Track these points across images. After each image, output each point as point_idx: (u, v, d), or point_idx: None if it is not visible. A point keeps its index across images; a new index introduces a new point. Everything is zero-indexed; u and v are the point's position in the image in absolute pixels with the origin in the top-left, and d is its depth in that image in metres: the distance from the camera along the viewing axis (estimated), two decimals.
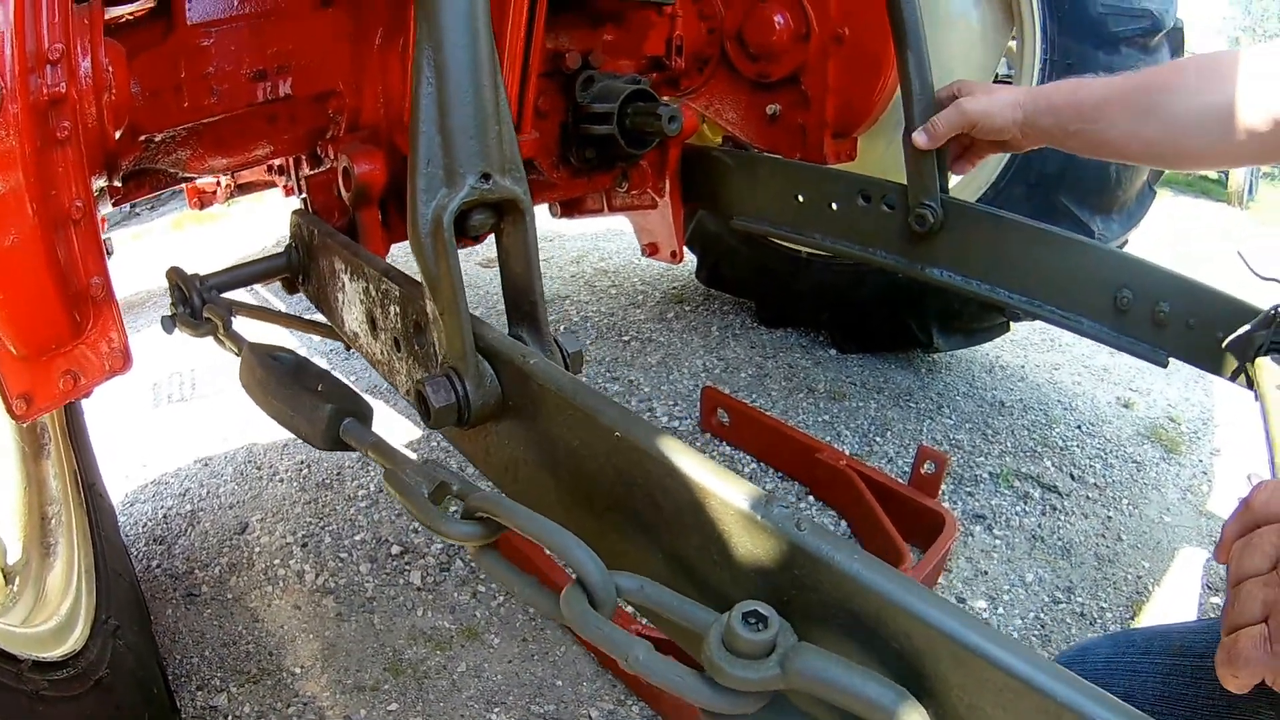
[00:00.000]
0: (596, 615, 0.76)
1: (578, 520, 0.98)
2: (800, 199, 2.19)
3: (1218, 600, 2.32)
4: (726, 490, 0.76)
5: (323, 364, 3.59)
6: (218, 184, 3.44)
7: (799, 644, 0.69)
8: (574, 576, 0.77)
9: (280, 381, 1.23)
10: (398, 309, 1.27)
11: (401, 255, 2.26)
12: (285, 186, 2.66)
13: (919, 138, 1.89)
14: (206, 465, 3.01)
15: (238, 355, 1.42)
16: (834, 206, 2.11)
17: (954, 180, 2.38)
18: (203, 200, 3.58)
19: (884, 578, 0.67)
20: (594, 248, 5.19)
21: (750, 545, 0.75)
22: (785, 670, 0.67)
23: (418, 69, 1.01)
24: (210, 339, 1.60)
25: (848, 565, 0.68)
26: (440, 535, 0.91)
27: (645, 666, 0.71)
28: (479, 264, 4.87)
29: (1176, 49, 2.81)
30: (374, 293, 1.35)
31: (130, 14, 1.78)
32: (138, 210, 6.68)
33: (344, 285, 1.50)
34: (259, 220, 6.21)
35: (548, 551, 0.80)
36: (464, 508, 0.90)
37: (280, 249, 1.80)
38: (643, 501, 0.86)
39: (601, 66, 2.06)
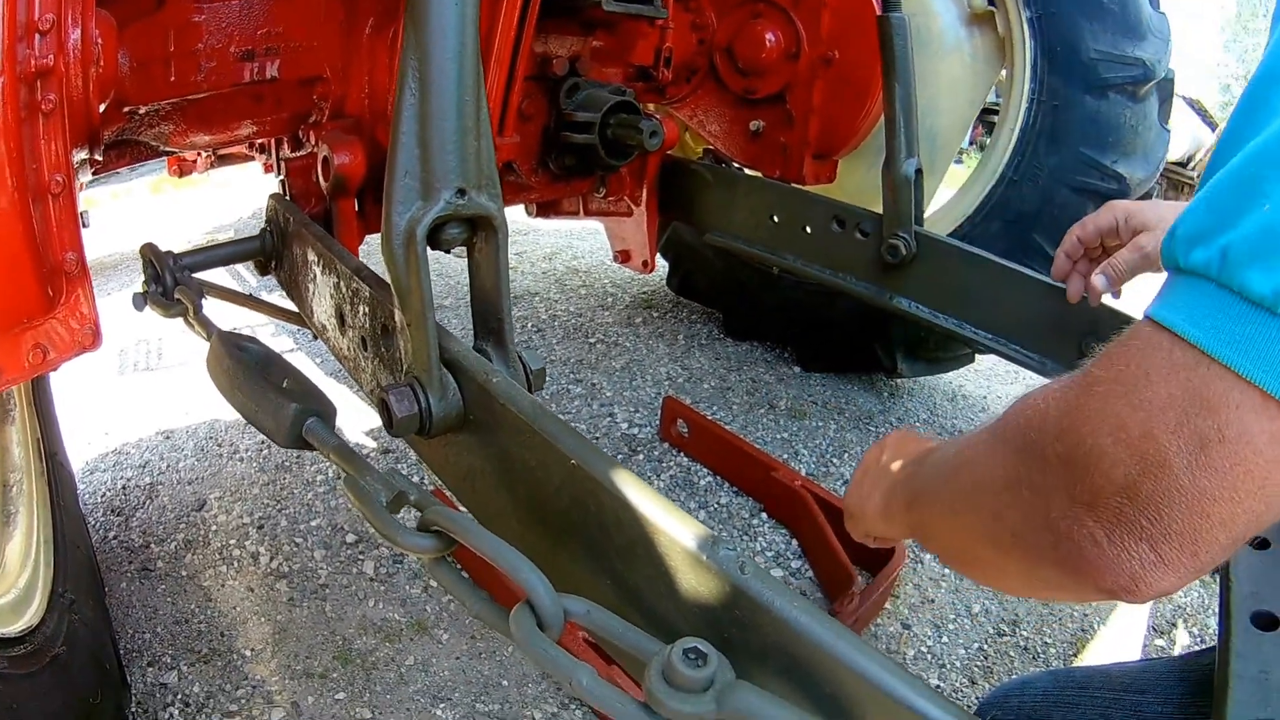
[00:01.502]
0: (542, 637, 0.77)
1: (532, 538, 0.99)
2: (775, 219, 2.21)
3: (1162, 642, 2.34)
4: (676, 529, 0.77)
5: (290, 342, 3.61)
6: (198, 154, 3.42)
7: (736, 681, 0.70)
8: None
9: (247, 375, 1.23)
10: (367, 309, 1.28)
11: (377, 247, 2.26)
12: (265, 164, 2.65)
13: (1098, 281, 1.68)
14: (168, 438, 3.00)
15: (206, 340, 1.42)
16: (808, 230, 2.13)
17: (929, 211, 2.40)
18: (182, 168, 3.55)
19: (820, 625, 0.69)
20: (567, 245, 5.20)
21: (696, 583, 0.77)
22: (721, 706, 0.69)
23: (402, 79, 1.02)
24: (180, 320, 1.60)
25: (786, 611, 0.70)
26: (395, 545, 0.92)
27: (588, 692, 0.73)
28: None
29: (1165, 99, 2.85)
30: (344, 289, 1.36)
31: None
32: (117, 169, 6.60)
33: (315, 277, 1.50)
34: (238, 187, 6.16)
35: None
36: (420, 520, 0.91)
37: (256, 218, 1.80)
38: (596, 529, 0.87)
39: (589, 74, 2.06)
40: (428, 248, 1.07)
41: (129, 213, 5.81)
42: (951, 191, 3.16)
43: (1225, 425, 0.64)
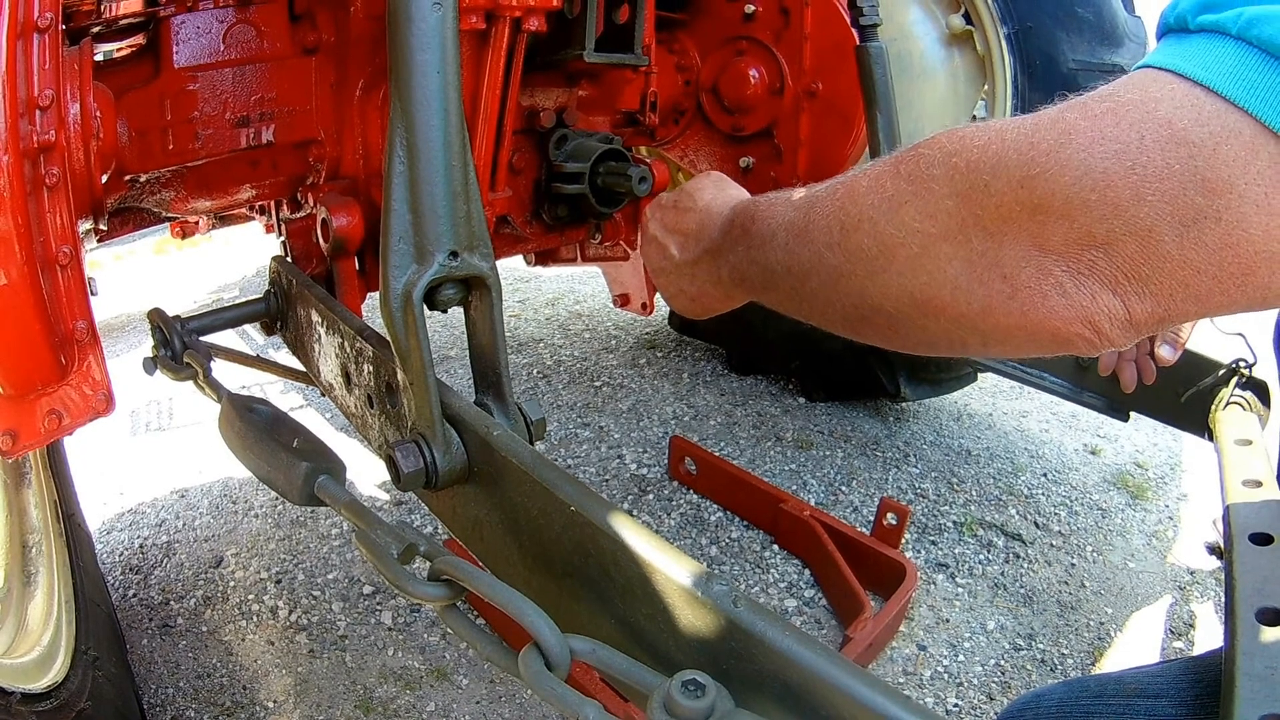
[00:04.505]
0: (550, 676, 0.80)
1: (538, 582, 1.02)
2: None
3: (1180, 645, 2.35)
4: (671, 567, 0.81)
5: (299, 399, 3.64)
6: (200, 216, 3.46)
7: (736, 710, 0.73)
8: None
9: (258, 436, 1.26)
10: (371, 368, 1.31)
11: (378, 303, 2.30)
12: (266, 224, 2.69)
13: (1165, 352, 1.66)
14: (183, 497, 3.03)
15: (216, 402, 1.45)
16: None
17: None
18: (185, 230, 3.59)
19: (812, 653, 0.71)
20: (569, 290, 5.23)
21: (692, 618, 0.80)
22: None
23: (390, 147, 1.06)
24: (190, 384, 1.63)
25: (778, 641, 0.73)
26: (406, 595, 0.94)
27: None
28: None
29: None
30: (348, 349, 1.39)
31: (119, 49, 1.82)
32: (121, 236, 6.63)
33: (320, 337, 1.53)
34: (241, 245, 6.22)
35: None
36: (430, 569, 0.94)
37: (259, 276, 1.82)
38: (597, 571, 0.90)
39: (576, 123, 2.09)
40: (425, 308, 1.11)
41: (133, 274, 5.86)
42: None
43: (1224, 209, 0.63)
